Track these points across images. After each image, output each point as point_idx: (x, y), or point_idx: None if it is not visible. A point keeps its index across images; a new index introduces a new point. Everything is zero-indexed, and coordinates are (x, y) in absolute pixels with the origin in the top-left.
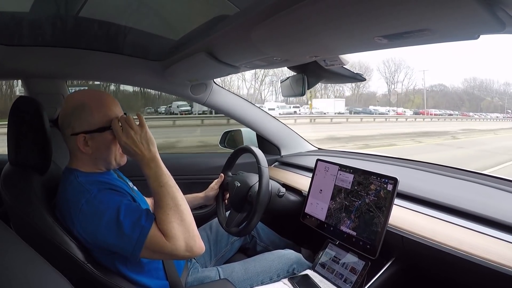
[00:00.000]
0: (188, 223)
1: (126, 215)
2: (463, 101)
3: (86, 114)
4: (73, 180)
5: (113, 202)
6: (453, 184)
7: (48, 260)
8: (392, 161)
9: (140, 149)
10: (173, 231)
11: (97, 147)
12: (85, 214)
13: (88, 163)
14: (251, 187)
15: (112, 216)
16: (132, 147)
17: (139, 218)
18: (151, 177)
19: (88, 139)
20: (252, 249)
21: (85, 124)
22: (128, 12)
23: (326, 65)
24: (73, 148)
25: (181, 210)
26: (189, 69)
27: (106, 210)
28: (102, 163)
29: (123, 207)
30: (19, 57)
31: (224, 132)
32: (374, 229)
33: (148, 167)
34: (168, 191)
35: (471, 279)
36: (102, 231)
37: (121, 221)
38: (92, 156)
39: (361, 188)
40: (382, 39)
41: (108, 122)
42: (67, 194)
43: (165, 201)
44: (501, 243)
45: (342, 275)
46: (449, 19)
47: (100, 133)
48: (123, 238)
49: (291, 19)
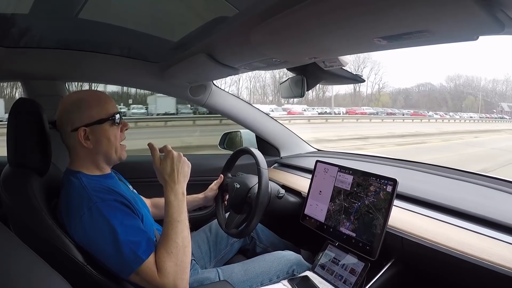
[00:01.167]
0: (185, 265)
1: (126, 236)
2: (446, 100)
3: (85, 108)
4: (77, 184)
5: (114, 219)
6: (452, 185)
7: (48, 261)
8: (391, 162)
9: (173, 177)
10: (168, 269)
11: (97, 140)
12: (84, 223)
13: (89, 163)
14: (250, 189)
15: (111, 234)
16: (167, 172)
17: (138, 245)
18: (174, 207)
19: (88, 132)
20: (251, 250)
21: (84, 117)
22: (127, 13)
23: (325, 66)
24: (73, 146)
25: (185, 252)
26: (189, 71)
27: (106, 226)
28: (103, 159)
29: (124, 228)
30: (18, 59)
31: (223, 134)
32: (374, 230)
33: (175, 196)
34: (182, 229)
35: (471, 280)
36: (98, 244)
37: (119, 241)
38: (93, 151)
39: (361, 189)
40: (381, 40)
41: (106, 114)
42: (70, 198)
43: (175, 239)
44: (501, 244)
45: (341, 276)
46: (448, 20)
47: (100, 125)
48: (116, 258)
49: (291, 20)
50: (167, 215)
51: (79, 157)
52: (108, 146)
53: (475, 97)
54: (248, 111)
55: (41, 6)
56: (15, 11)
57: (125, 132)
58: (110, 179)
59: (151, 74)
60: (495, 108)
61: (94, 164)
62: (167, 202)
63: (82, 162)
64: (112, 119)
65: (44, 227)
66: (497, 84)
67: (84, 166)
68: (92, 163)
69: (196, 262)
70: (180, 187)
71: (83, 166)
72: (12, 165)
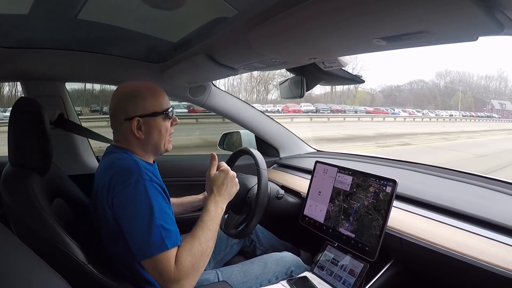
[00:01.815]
0: (199, 271)
1: (160, 221)
2: (435, 97)
3: (141, 99)
4: (127, 157)
5: (155, 201)
6: (451, 186)
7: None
8: (390, 163)
9: (221, 190)
10: (185, 267)
11: (149, 131)
12: (127, 194)
13: (139, 149)
14: (250, 189)
15: (148, 212)
16: (217, 183)
17: (168, 232)
18: (211, 215)
19: (141, 123)
20: (251, 252)
21: (140, 108)
22: (127, 14)
23: (324, 67)
24: (124, 134)
25: (204, 259)
26: (188, 71)
27: (147, 204)
28: (151, 149)
29: (161, 213)
30: (18, 59)
31: (223, 134)
32: (373, 232)
33: (215, 207)
34: (210, 238)
35: (469, 280)
36: (131, 219)
37: (153, 222)
38: (143, 141)
39: (360, 190)
40: (380, 41)
41: (160, 108)
42: (118, 167)
43: (202, 243)
44: (499, 245)
45: (340, 277)
46: (447, 21)
47: (153, 118)
48: (142, 237)
49: (290, 21)
50: (201, 220)
51: (129, 143)
52: (159, 138)
53: (465, 94)
54: (248, 111)
55: (41, 7)
56: (14, 11)
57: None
58: (154, 169)
59: (151, 75)
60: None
61: (143, 152)
62: (206, 210)
63: (132, 146)
64: (165, 113)
65: (44, 227)
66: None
67: (135, 150)
68: (141, 151)
69: None
70: (222, 202)
71: (133, 149)
72: (13, 164)
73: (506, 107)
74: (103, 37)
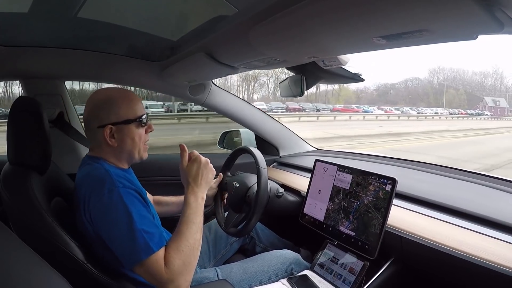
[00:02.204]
0: (191, 267)
1: (141, 225)
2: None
3: (114, 106)
4: (99, 167)
5: (132, 207)
6: (451, 185)
7: (48, 259)
8: (390, 161)
9: (197, 181)
10: (175, 266)
11: (122, 139)
12: (103, 205)
13: (112, 156)
14: (249, 188)
15: (127, 219)
16: (192, 174)
17: (151, 236)
18: (192, 208)
19: (114, 131)
20: (251, 250)
21: (112, 116)
22: (127, 13)
23: (324, 65)
24: (98, 142)
25: (194, 254)
26: (188, 70)
27: (124, 211)
28: (125, 157)
29: (140, 217)
30: (18, 58)
31: (222, 133)
32: (373, 230)
33: (195, 198)
34: (196, 231)
35: (470, 279)
36: (112, 228)
37: (134, 228)
38: (117, 149)
39: (360, 189)
40: (380, 39)
41: (133, 115)
42: (91, 180)
43: (188, 238)
44: (500, 243)
45: (340, 276)
46: (447, 20)
47: (127, 125)
48: (127, 245)
49: (290, 20)
50: (184, 215)
51: (102, 150)
52: (132, 146)
53: (457, 91)
54: (247, 110)
55: (40, 5)
56: (14, 10)
57: None
58: (129, 174)
59: (150, 73)
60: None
61: (117, 159)
62: (186, 203)
63: (105, 154)
64: (139, 120)
65: (44, 226)
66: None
67: (107, 158)
68: (114, 158)
69: None
70: (201, 191)
71: (106, 157)
72: (12, 163)
73: (500, 104)
74: (103, 36)
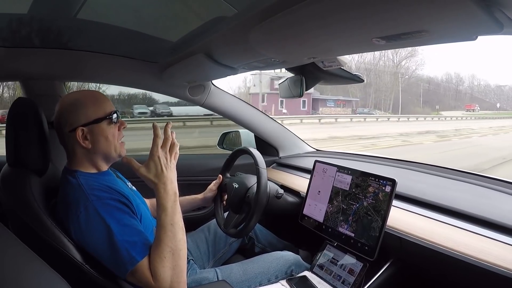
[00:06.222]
0: (180, 268)
1: (122, 236)
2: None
3: (82, 107)
4: (74, 183)
5: (110, 218)
6: (451, 185)
7: (46, 261)
8: (390, 163)
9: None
10: (162, 274)
11: (95, 139)
12: (80, 222)
13: (87, 162)
14: (249, 189)
15: (107, 233)
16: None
17: (133, 245)
18: (166, 209)
19: (86, 132)
20: (250, 250)
21: (82, 117)
22: (126, 14)
23: (324, 66)
24: (72, 146)
25: (180, 255)
26: (187, 71)
27: (102, 225)
28: (101, 158)
29: (120, 227)
30: (17, 59)
31: (222, 134)
32: (372, 232)
33: (166, 195)
34: (175, 232)
35: (468, 280)
36: (94, 244)
37: (114, 241)
38: (91, 151)
39: (359, 190)
40: (380, 40)
41: (103, 113)
42: (67, 198)
43: (167, 243)
44: (498, 244)
45: (340, 277)
46: (447, 20)
47: (98, 124)
48: (112, 258)
49: (289, 20)
50: (159, 219)
51: (76, 157)
52: (106, 145)
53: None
54: (247, 111)
55: (40, 6)
56: (14, 10)
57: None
58: (107, 176)
59: (150, 74)
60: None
61: (92, 163)
62: (158, 205)
63: (80, 161)
64: (109, 118)
65: (42, 227)
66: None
67: (82, 165)
68: (89, 162)
69: (195, 262)
70: (170, 183)
71: (80, 165)
72: (11, 165)
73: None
74: (102, 37)
